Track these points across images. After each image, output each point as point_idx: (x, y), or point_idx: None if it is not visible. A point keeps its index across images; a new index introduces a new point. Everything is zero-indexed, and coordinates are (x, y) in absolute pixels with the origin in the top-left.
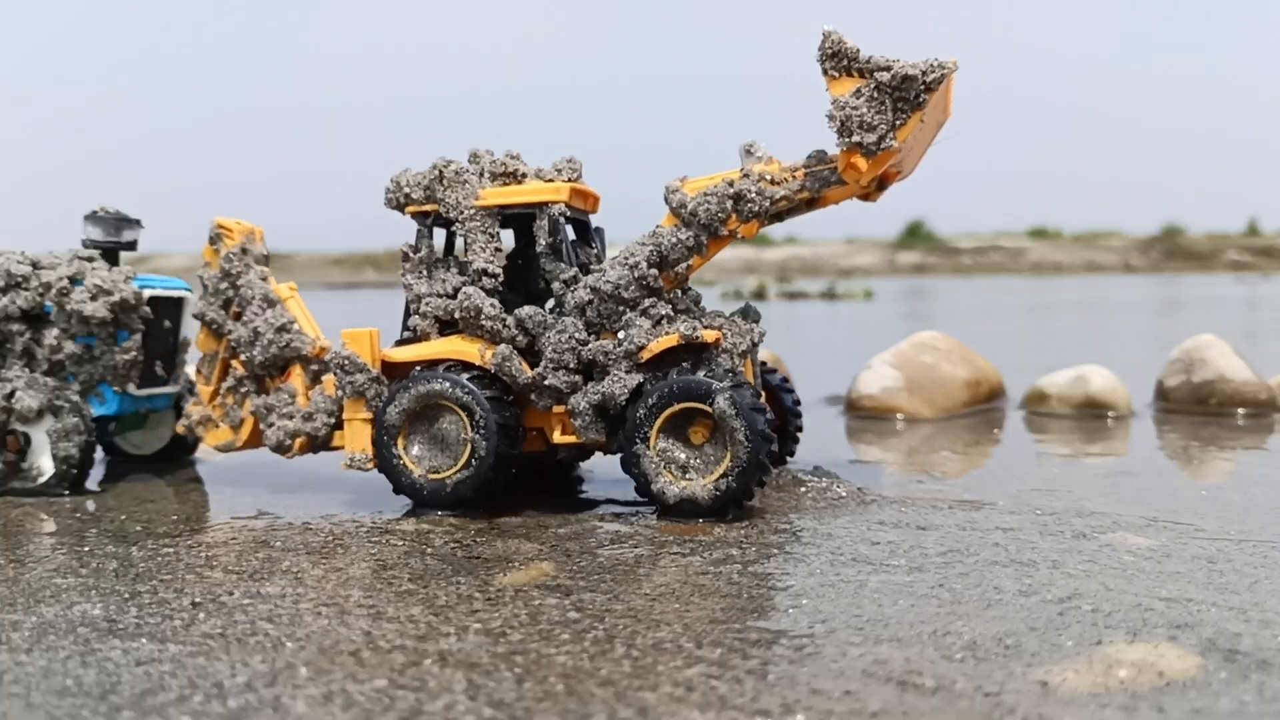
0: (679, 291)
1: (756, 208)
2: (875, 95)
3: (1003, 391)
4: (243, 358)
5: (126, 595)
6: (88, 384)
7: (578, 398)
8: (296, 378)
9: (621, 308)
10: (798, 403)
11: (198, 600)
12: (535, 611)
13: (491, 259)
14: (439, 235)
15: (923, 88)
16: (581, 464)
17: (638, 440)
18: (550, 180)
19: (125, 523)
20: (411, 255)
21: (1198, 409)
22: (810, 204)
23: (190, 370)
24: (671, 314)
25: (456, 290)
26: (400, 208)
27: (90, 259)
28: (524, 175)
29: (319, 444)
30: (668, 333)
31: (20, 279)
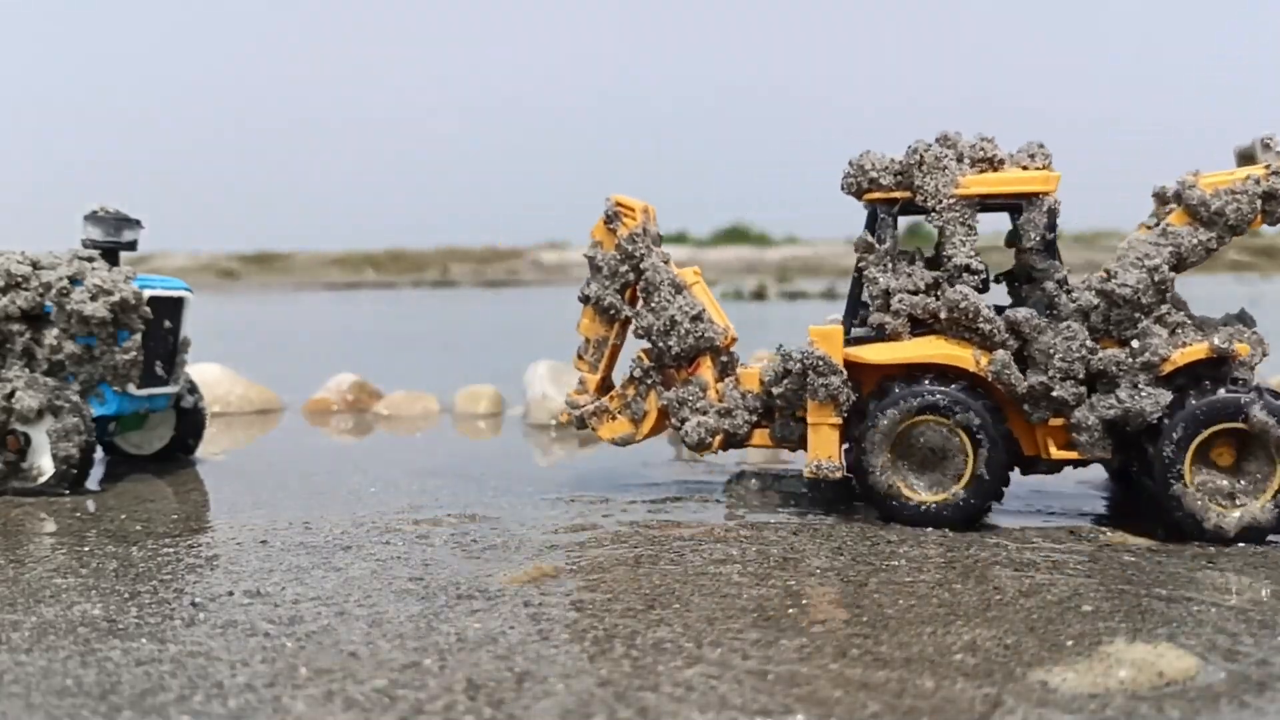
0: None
1: None
2: None
3: None
4: (652, 347)
5: (126, 595)
6: (88, 384)
7: (1084, 411)
8: (706, 369)
9: (1137, 314)
10: None
11: (198, 600)
12: (536, 612)
13: (974, 254)
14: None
15: None
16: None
17: (1173, 480)
18: (1025, 167)
19: (125, 523)
20: (876, 246)
21: None
22: None
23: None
24: (1184, 321)
25: (929, 286)
26: (859, 194)
27: (90, 259)
28: (1002, 162)
29: (738, 441)
30: (1186, 343)
31: (20, 279)
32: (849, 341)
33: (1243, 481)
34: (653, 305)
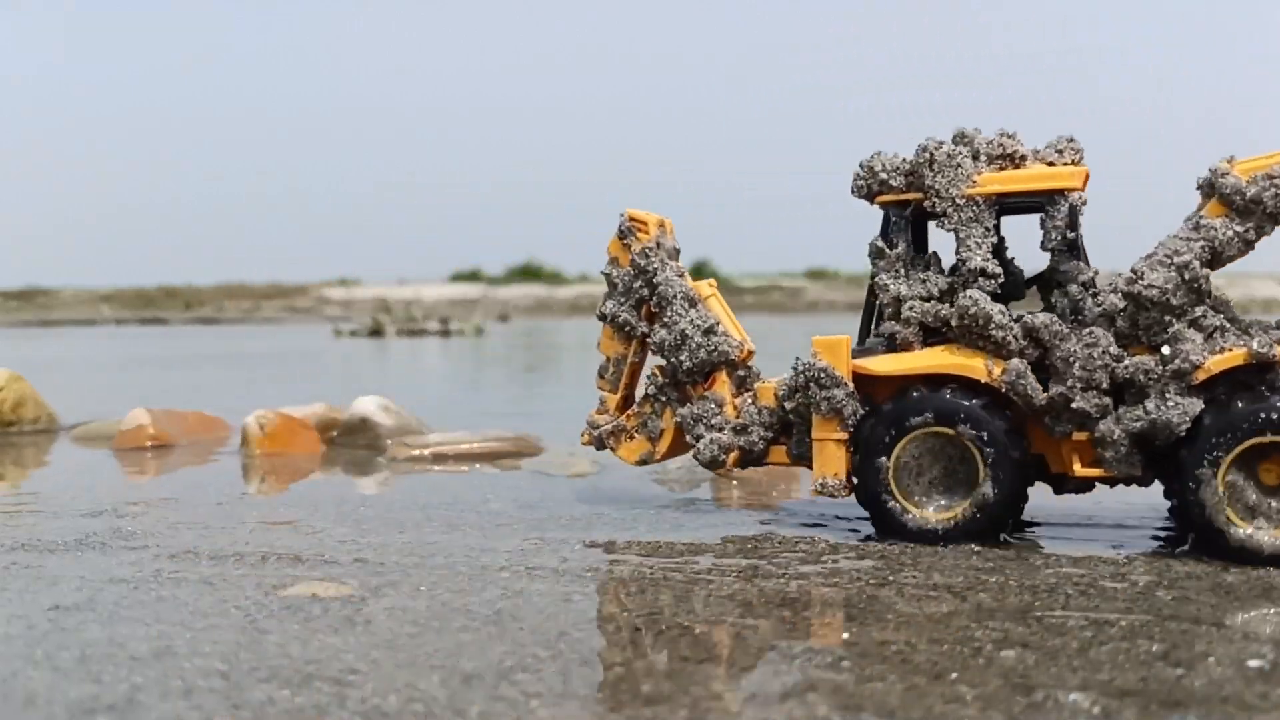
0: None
1: None
2: None
3: None
4: (665, 363)
5: None
6: None
7: (1109, 424)
8: (722, 385)
9: (1167, 317)
10: None
11: None
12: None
13: (989, 257)
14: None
15: None
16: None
17: (1205, 465)
18: (1052, 164)
19: None
20: (887, 251)
21: None
22: None
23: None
24: (1223, 325)
25: (943, 293)
26: (870, 196)
27: None
28: (1024, 158)
29: (754, 459)
30: (1224, 348)
31: None
32: (859, 353)
33: (1274, 504)
34: (665, 320)
